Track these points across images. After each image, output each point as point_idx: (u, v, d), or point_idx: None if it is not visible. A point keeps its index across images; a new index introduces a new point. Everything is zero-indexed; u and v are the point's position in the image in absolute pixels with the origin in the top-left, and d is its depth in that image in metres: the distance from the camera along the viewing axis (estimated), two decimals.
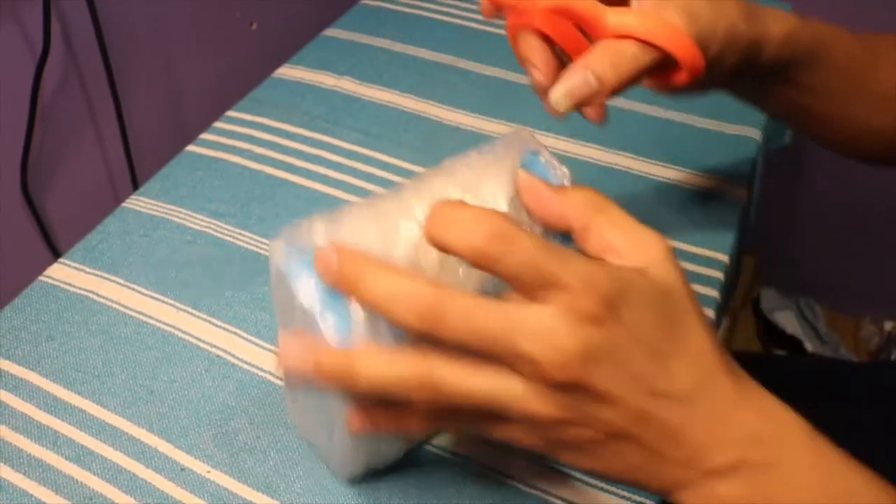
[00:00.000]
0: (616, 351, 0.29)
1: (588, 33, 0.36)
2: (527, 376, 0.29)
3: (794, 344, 1.35)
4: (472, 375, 0.29)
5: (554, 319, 0.28)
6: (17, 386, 0.48)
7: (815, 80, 0.45)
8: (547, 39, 0.39)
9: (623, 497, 0.42)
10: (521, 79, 0.75)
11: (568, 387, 0.29)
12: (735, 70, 0.41)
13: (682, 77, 0.37)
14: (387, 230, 0.33)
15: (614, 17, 0.34)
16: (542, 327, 0.28)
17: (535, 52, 0.39)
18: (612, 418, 0.30)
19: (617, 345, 0.29)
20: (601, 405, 0.29)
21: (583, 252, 0.31)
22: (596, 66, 0.36)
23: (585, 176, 0.64)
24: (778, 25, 0.42)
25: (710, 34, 0.37)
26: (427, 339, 0.29)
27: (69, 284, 0.54)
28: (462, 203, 0.30)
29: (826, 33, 0.45)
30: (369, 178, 0.63)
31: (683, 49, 0.34)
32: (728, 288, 0.58)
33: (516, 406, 0.30)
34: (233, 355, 0.50)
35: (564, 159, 0.66)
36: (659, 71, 0.37)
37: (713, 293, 0.54)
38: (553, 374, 0.28)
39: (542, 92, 0.39)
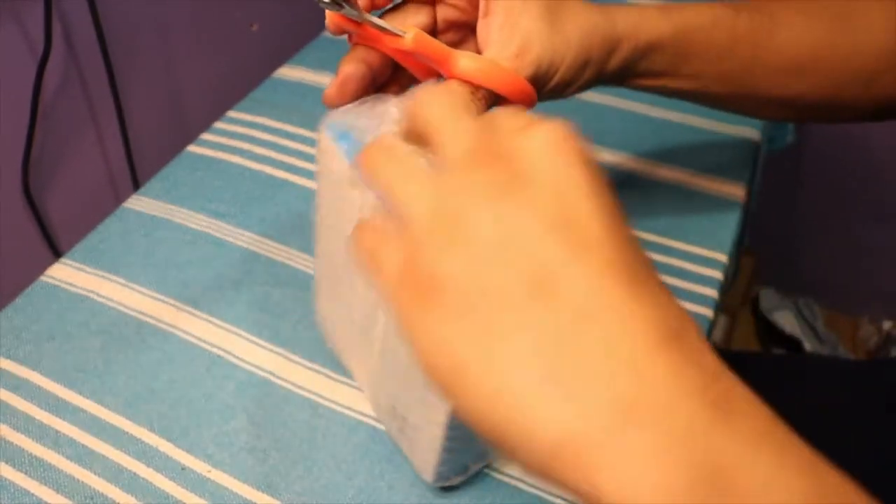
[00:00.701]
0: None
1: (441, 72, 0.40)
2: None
3: (792, 343, 1.35)
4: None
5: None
6: (19, 385, 0.48)
7: (696, 68, 0.44)
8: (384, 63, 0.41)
9: None
10: None
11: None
12: (598, 78, 0.42)
13: (519, 106, 0.40)
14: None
15: (464, 62, 0.38)
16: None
17: (353, 67, 0.40)
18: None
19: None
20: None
21: None
22: None
23: None
24: (630, 25, 0.41)
25: (552, 65, 0.39)
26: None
27: (70, 284, 0.54)
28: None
29: (695, 19, 0.43)
30: None
31: (513, 91, 0.38)
32: (726, 287, 0.58)
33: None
34: (233, 355, 0.50)
35: None
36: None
37: (712, 293, 0.54)
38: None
39: (326, 98, 0.41)
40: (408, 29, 0.37)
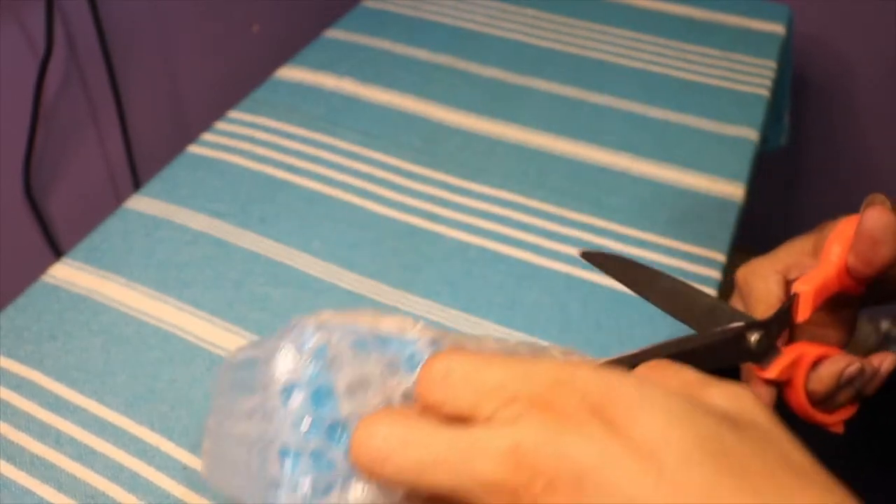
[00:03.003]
0: None
1: None
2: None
3: None
4: None
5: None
6: (20, 385, 0.48)
7: None
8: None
9: None
10: (520, 80, 0.76)
11: None
12: None
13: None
14: None
15: None
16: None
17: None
18: None
19: None
20: None
21: None
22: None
23: (585, 176, 0.64)
24: None
25: None
26: None
27: (71, 284, 0.55)
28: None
29: None
30: (369, 178, 0.64)
31: None
32: (725, 287, 0.59)
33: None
34: None
35: (564, 160, 0.66)
36: None
37: (711, 292, 0.54)
38: None
39: None
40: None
